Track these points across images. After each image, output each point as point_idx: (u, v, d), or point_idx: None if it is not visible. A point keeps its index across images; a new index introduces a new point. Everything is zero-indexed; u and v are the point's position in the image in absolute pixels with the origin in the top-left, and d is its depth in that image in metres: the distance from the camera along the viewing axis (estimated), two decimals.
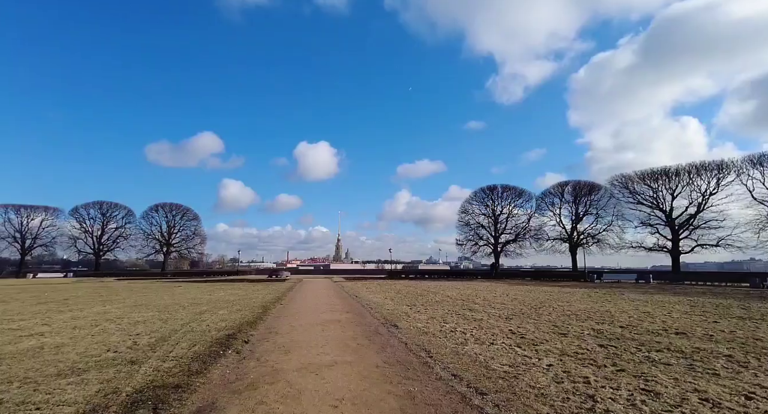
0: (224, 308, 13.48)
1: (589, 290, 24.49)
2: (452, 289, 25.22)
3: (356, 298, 18.22)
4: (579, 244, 46.89)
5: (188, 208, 61.88)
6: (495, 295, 20.07)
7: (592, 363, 5.94)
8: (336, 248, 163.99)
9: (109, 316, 11.35)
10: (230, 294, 20.22)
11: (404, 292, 21.53)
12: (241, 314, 11.81)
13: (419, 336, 8.29)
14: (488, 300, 16.91)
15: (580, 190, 46.97)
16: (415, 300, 16.84)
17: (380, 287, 26.79)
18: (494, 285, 30.71)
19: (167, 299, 17.01)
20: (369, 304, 15.16)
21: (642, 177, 40.77)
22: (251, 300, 16.76)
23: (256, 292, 21.56)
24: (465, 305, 14.68)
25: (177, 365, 5.71)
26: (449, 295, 19.28)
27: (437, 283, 33.57)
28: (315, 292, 22.09)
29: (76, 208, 57.07)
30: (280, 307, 14.33)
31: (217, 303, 15.40)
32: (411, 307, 14.05)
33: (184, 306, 14.34)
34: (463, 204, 54.14)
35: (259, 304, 14.76)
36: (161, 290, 23.43)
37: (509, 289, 24.89)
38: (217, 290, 23.24)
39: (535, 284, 33.04)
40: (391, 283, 34.65)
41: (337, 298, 17.92)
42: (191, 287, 26.71)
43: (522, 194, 50.64)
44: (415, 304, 14.86)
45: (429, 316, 11.53)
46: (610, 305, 14.91)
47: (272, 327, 9.69)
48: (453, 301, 16.53)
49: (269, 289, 25.04)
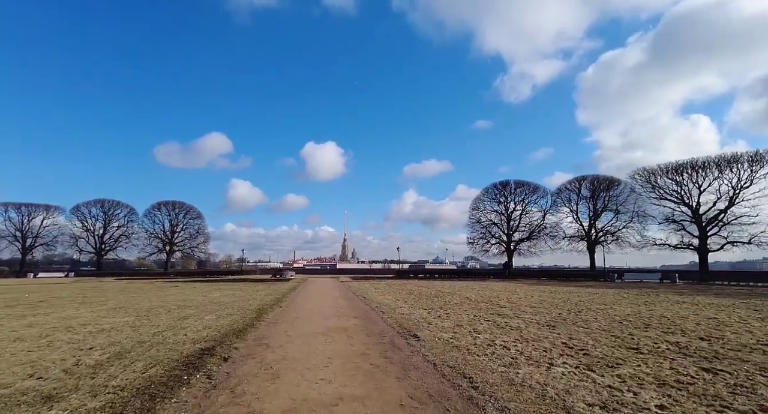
0: (214, 312, 11.73)
1: (617, 291, 22.38)
2: (468, 289, 23.28)
3: (365, 299, 16.40)
4: (597, 242, 44.57)
5: (191, 206, 60.61)
6: (518, 296, 18.10)
7: (726, 406, 4.00)
8: (342, 248, 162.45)
9: (75, 322, 9.63)
10: (227, 295, 18.51)
11: (417, 293, 19.66)
12: (230, 319, 10.04)
13: (449, 352, 6.42)
14: (514, 302, 14.97)
15: (598, 185, 44.58)
16: (432, 302, 14.96)
17: (390, 287, 24.93)
18: (512, 285, 28.69)
19: (154, 301, 15.33)
20: (380, 306, 13.31)
21: (666, 170, 38.28)
22: (248, 302, 15.01)
23: (256, 293, 19.84)
24: (491, 309, 12.75)
25: (109, 405, 3.90)
26: (468, 297, 17.36)
27: (449, 283, 31.62)
28: (319, 293, 20.30)
29: (78, 206, 56.04)
30: (279, 310, 12.55)
31: (209, 305, 13.66)
32: (428, 310, 12.16)
33: (169, 309, 12.62)
34: (474, 201, 52.09)
35: (255, 307, 13.00)
36: (154, 291, 21.82)
37: (530, 290, 22.88)
38: (215, 291, 21.57)
39: (555, 284, 30.91)
40: (400, 283, 32.78)
41: (344, 300, 16.10)
42: (188, 288, 25.09)
43: (536, 190, 48.43)
44: (432, 308, 12.97)
45: (454, 322, 9.64)
46: (659, 309, 12.87)
47: (264, 337, 7.89)
48: (474, 303, 14.61)
49: (270, 289, 23.32)
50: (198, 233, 61.08)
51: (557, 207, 47.44)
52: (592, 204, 45.00)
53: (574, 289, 24.83)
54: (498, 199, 49.60)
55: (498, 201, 49.61)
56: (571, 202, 46.25)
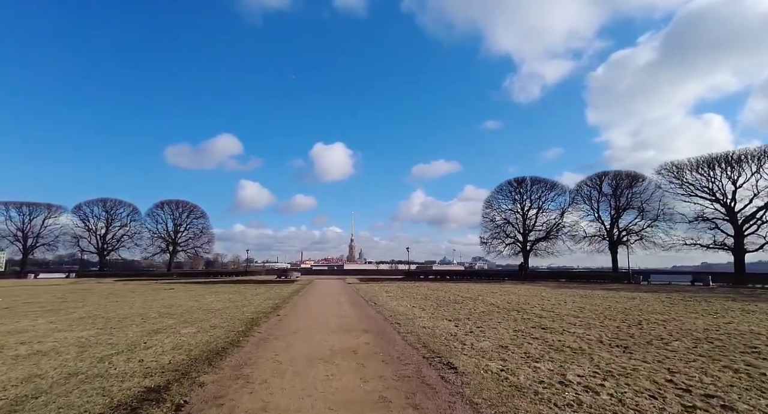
0: (197, 323, 9.77)
1: (655, 295, 19.99)
2: (487, 293, 21.07)
3: (375, 305, 14.34)
4: (620, 241, 41.91)
5: (195, 205, 59.00)
6: (550, 302, 15.87)
7: None
8: (349, 248, 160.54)
9: (14, 339, 7.72)
10: (221, 300, 16.60)
11: (433, 298, 17.54)
12: (211, 335, 8.05)
13: (510, 397, 4.34)
14: (551, 310, 12.77)
15: (621, 181, 41.89)
16: (455, 310, 12.84)
17: (401, 291, 22.83)
18: (533, 288, 26.38)
19: (136, 307, 13.44)
20: (394, 315, 11.24)
21: (697, 164, 35.42)
22: (241, 309, 13.05)
23: (254, 297, 17.91)
24: (529, 320, 10.59)
25: None
26: (493, 303, 15.19)
27: (464, 286, 29.40)
28: (324, 298, 18.29)
29: (80, 205, 54.68)
30: (275, 320, 10.54)
31: (195, 313, 11.72)
32: (455, 322, 10.05)
33: (146, 318, 10.70)
34: (488, 198, 49.52)
35: (247, 317, 11.02)
36: (144, 295, 20.00)
37: (557, 294, 20.59)
38: (210, 294, 19.69)
39: (578, 287, 28.50)
40: (411, 285, 30.64)
41: (351, 307, 14.06)
42: (184, 290, 23.27)
43: (554, 187, 45.76)
44: (458, 318, 10.84)
45: (494, 341, 7.51)
46: (733, 320, 10.58)
47: (246, 363, 5.88)
48: (505, 312, 12.45)
49: (272, 292, 21.38)
50: (202, 233, 59.54)
51: (576, 205, 44.86)
52: (614, 201, 42.34)
53: (603, 292, 22.49)
54: (513, 197, 47.14)
55: (513, 199, 47.15)
56: (592, 199, 43.58)
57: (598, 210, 43.49)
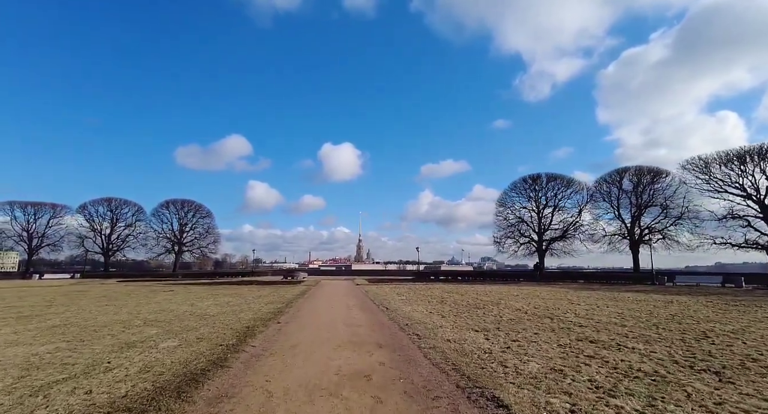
0: (181, 334, 8.41)
1: (693, 298, 18.18)
2: (508, 296, 19.45)
3: (387, 310, 12.88)
4: (641, 241, 39.80)
5: (200, 204, 58.04)
6: (581, 307, 14.23)
7: None
8: (357, 249, 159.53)
9: None
10: (219, 303, 15.29)
11: (450, 302, 16.02)
12: (193, 351, 6.67)
13: None
14: (587, 317, 11.16)
15: (642, 177, 39.76)
16: (478, 317, 11.31)
17: (414, 293, 21.32)
18: (555, 290, 24.65)
19: (122, 314, 12.15)
20: (410, 324, 9.76)
21: (726, 158, 33.15)
22: (239, 314, 11.69)
23: (256, 300, 16.57)
24: (570, 330, 9.02)
25: None
26: (519, 308, 13.62)
27: (480, 288, 27.77)
28: (331, 301, 16.89)
29: (84, 205, 53.97)
30: (274, 329, 9.15)
31: (185, 321, 10.38)
32: (484, 334, 8.53)
33: (128, 326, 9.39)
34: (501, 196, 47.59)
35: (243, 325, 9.65)
36: (139, 297, 18.80)
37: (585, 297, 18.89)
38: (209, 297, 18.42)
39: (601, 288, 26.66)
40: (422, 286, 29.09)
41: (362, 312, 12.61)
42: (183, 293, 22.06)
43: (571, 184, 43.64)
44: (485, 328, 9.32)
45: (544, 363, 5.98)
46: None
47: (224, 397, 4.47)
48: (536, 319, 10.88)
49: (276, 294, 20.04)
50: (207, 233, 58.56)
51: (595, 202, 42.76)
52: (635, 199, 40.20)
53: (632, 294, 20.70)
54: (528, 195, 45.12)
55: (528, 196, 45.15)
56: (611, 196, 41.44)
57: (618, 207, 41.41)
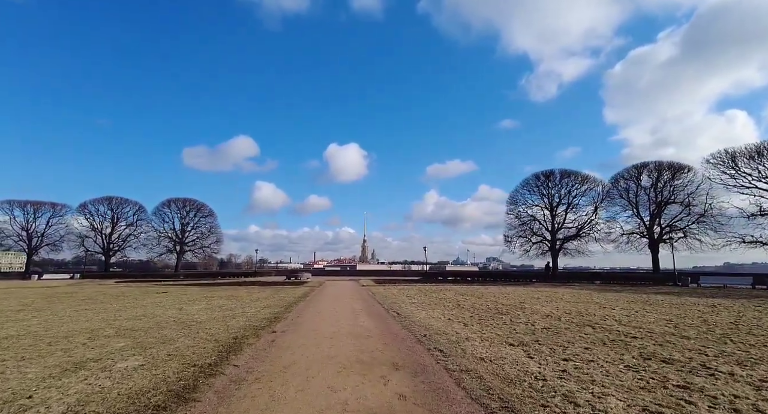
0: (153, 348, 6.89)
1: (736, 302, 16.38)
2: (529, 299, 17.76)
3: (399, 316, 11.30)
4: (661, 239, 37.83)
5: (203, 203, 56.80)
6: (618, 312, 12.52)
7: None
8: (362, 249, 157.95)
9: None
10: (212, 307, 13.80)
11: (467, 306, 14.38)
12: (154, 375, 5.13)
13: None
14: (631, 325, 9.48)
15: (662, 172, 37.77)
16: (506, 325, 9.68)
17: (425, 295, 19.70)
18: (576, 292, 22.87)
19: (95, 320, 10.67)
20: (429, 335, 8.16)
21: (756, 151, 31.06)
22: (230, 321, 10.17)
23: (253, 303, 15.08)
24: (625, 344, 7.36)
25: None
26: (549, 314, 11.95)
27: (495, 289, 26.06)
28: (335, 305, 15.32)
29: (84, 203, 52.85)
30: (267, 341, 7.60)
31: (165, 329, 8.87)
32: (523, 349, 6.90)
33: (94, 337, 7.89)
34: (512, 193, 45.72)
35: (231, 335, 8.12)
36: (127, 299, 17.37)
37: (612, 300, 17.16)
38: (203, 299, 16.97)
39: (625, 290, 24.82)
40: (432, 288, 27.41)
41: (370, 319, 11.03)
42: (176, 294, 20.61)
43: (586, 180, 41.69)
44: (522, 341, 7.68)
45: (627, 399, 4.33)
46: None
47: None
48: (575, 328, 9.22)
49: (276, 297, 18.53)
50: (210, 232, 57.29)
51: (611, 200, 40.78)
52: (655, 195, 38.23)
53: (663, 297, 18.93)
54: (540, 192, 43.22)
55: (541, 193, 43.22)
56: (629, 193, 39.47)
57: (637, 205, 39.41)
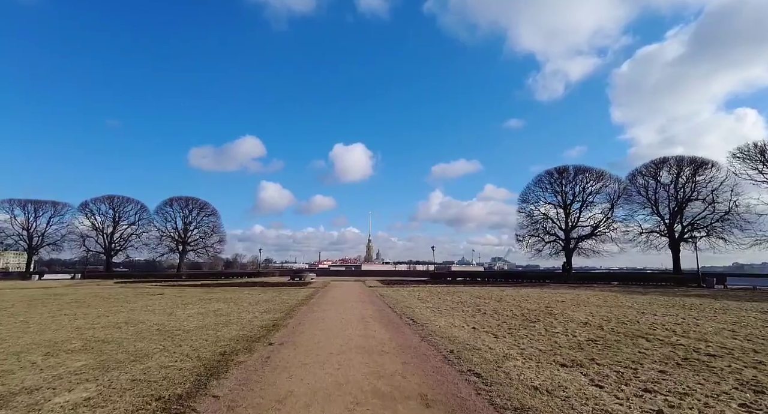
0: (116, 370, 5.52)
1: None
2: (554, 302, 16.23)
3: (415, 324, 9.86)
4: (682, 238, 36.04)
5: (206, 202, 55.73)
6: (667, 320, 10.98)
7: None
8: (367, 249, 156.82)
9: None
10: (206, 311, 12.45)
11: (489, 311, 12.90)
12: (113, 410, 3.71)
13: None
14: (692, 336, 7.95)
15: (683, 168, 35.98)
16: (543, 336, 8.20)
17: (437, 298, 18.25)
18: (600, 294, 21.27)
19: (66, 330, 9.34)
20: (458, 351, 6.71)
21: None
22: (222, 329, 8.80)
23: (252, 307, 13.73)
24: (707, 365, 5.85)
25: None
26: (587, 321, 10.44)
27: (511, 292, 24.52)
28: (342, 310, 13.91)
29: (86, 202, 51.99)
30: (258, 359, 6.19)
31: (142, 341, 7.50)
32: (581, 371, 5.41)
33: (51, 353, 6.55)
34: (524, 191, 44.04)
35: (218, 350, 6.75)
36: (117, 302, 16.09)
37: (646, 304, 15.60)
38: (199, 302, 15.67)
39: (653, 292, 23.21)
40: (443, 289, 25.91)
41: (382, 328, 9.58)
42: (171, 297, 19.33)
43: (601, 177, 39.93)
44: (576, 359, 6.19)
45: None
46: None
47: None
48: (627, 339, 7.71)
49: (278, 299, 17.18)
50: (213, 231, 56.21)
51: (629, 197, 39.01)
52: (675, 192, 36.43)
53: (701, 300, 17.34)
54: (554, 189, 41.52)
55: (554, 191, 41.51)
56: (648, 190, 37.73)
57: (656, 202, 37.62)
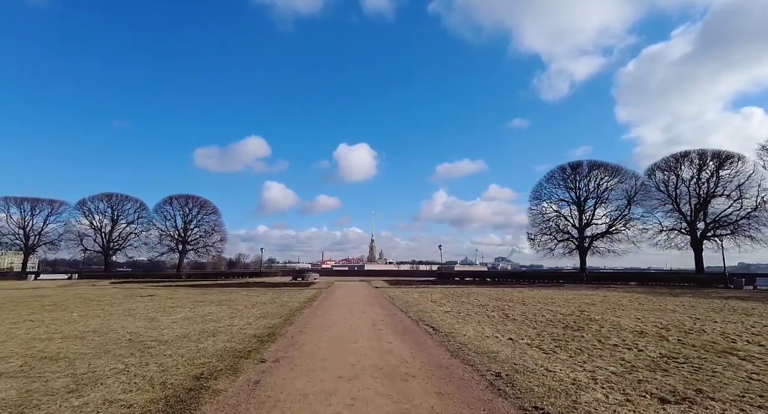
0: (47, 406, 3.90)
1: None
2: (586, 305, 14.58)
3: (436, 333, 8.26)
4: (705, 236, 34.22)
5: (206, 200, 54.30)
6: (736, 328, 9.32)
7: None
8: (370, 249, 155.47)
9: None
10: (194, 316, 10.91)
11: (517, 317, 11.27)
12: None
13: None
14: None
15: (706, 162, 34.16)
16: (599, 350, 6.57)
17: (454, 300, 16.64)
18: (633, 296, 19.55)
19: (16, 340, 7.81)
20: (511, 377, 5.10)
21: None
22: (206, 340, 7.24)
23: (247, 311, 12.19)
24: None
25: None
26: (643, 331, 8.80)
27: (531, 293, 22.83)
28: (349, 315, 12.32)
29: (83, 201, 50.56)
30: (243, 386, 4.59)
31: (105, 357, 5.94)
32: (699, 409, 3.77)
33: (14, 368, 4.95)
34: (536, 187, 42.29)
35: (194, 370, 5.18)
36: (98, 305, 14.57)
37: (688, 308, 13.93)
38: (189, 305, 14.13)
39: (684, 294, 21.49)
40: (458, 291, 24.20)
41: (398, 338, 7.98)
42: (163, 298, 17.82)
43: (617, 172, 38.13)
44: (674, 391, 4.55)
45: None
46: None
47: None
48: (712, 356, 6.07)
49: (277, 302, 15.63)
50: (214, 230, 54.75)
51: (647, 193, 37.15)
52: (697, 188, 34.63)
53: (743, 304, 15.65)
54: (567, 185, 39.73)
55: (567, 187, 39.72)
56: (668, 186, 35.94)
57: (676, 198, 35.79)
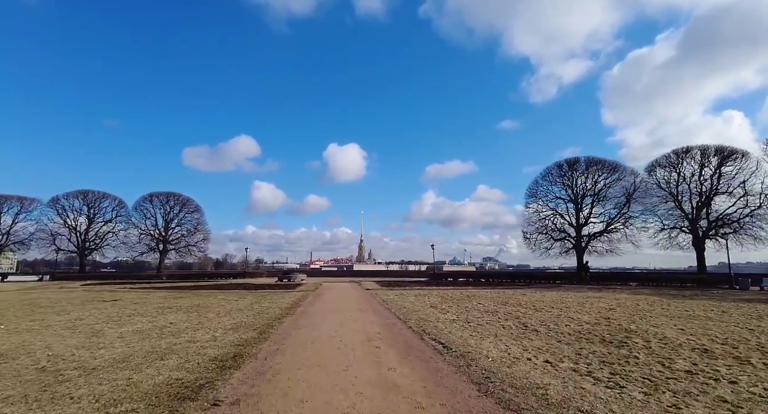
0: None
1: None
2: (605, 310, 13.00)
3: (448, 353, 6.54)
4: (707, 235, 33.28)
5: (188, 198, 51.63)
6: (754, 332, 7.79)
7: None
8: (359, 249, 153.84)
9: None
10: (150, 330, 8.97)
11: (538, 327, 9.58)
12: None
13: None
14: None
15: (708, 158, 33.25)
16: (679, 380, 4.90)
17: (456, 305, 14.95)
18: (649, 299, 18.12)
19: None
20: None
21: None
22: (145, 371, 5.37)
23: (217, 320, 10.28)
24: None
25: None
26: (702, 347, 7.19)
27: (535, 296, 21.30)
28: (338, 326, 10.50)
29: (57, 198, 47.25)
30: None
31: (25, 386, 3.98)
32: None
33: None
34: (531, 185, 40.98)
35: None
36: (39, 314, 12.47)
37: (718, 313, 12.47)
38: (153, 312, 12.13)
39: (698, 296, 20.22)
40: (457, 294, 22.52)
41: (402, 361, 6.20)
42: (126, 303, 15.73)
43: (615, 169, 37.00)
44: None
45: None
46: None
47: None
48: None
49: (255, 308, 13.72)
50: (196, 229, 52.17)
51: (647, 190, 36.12)
52: (699, 185, 33.69)
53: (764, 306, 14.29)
54: (564, 183, 38.52)
55: (564, 184, 38.50)
56: (669, 183, 34.94)
57: (678, 196, 34.80)
